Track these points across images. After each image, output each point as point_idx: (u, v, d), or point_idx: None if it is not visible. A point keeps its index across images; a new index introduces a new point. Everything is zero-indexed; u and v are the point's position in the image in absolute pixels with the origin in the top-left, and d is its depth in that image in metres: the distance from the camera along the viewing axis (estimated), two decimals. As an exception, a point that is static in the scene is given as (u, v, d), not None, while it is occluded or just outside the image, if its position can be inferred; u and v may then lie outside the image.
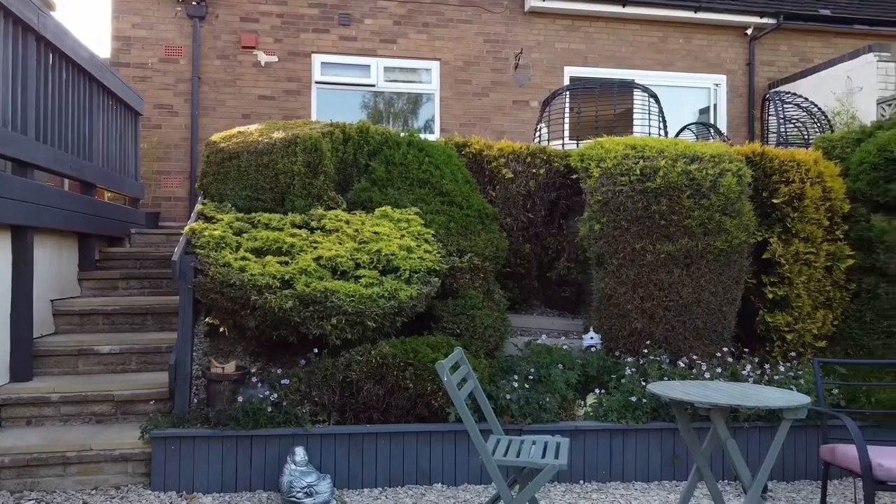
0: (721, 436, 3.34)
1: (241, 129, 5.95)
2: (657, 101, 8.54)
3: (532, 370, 5.22)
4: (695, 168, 5.18)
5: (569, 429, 4.87)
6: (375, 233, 5.19)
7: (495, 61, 10.99)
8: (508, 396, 4.82)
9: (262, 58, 10.18)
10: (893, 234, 5.56)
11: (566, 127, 8.95)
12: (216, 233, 5.01)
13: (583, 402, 5.23)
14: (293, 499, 4.25)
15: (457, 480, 4.79)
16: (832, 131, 8.93)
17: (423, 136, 6.50)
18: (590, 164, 5.52)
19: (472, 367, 4.97)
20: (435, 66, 10.86)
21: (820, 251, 5.70)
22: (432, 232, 5.37)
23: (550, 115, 8.36)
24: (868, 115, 9.57)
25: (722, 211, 5.21)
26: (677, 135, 9.71)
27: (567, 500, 4.52)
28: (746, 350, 5.77)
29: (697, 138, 10.14)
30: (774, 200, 5.69)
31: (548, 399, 4.91)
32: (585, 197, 5.59)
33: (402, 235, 5.24)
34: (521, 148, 6.41)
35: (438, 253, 5.25)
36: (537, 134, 8.60)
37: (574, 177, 6.01)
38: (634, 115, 8.95)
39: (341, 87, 10.58)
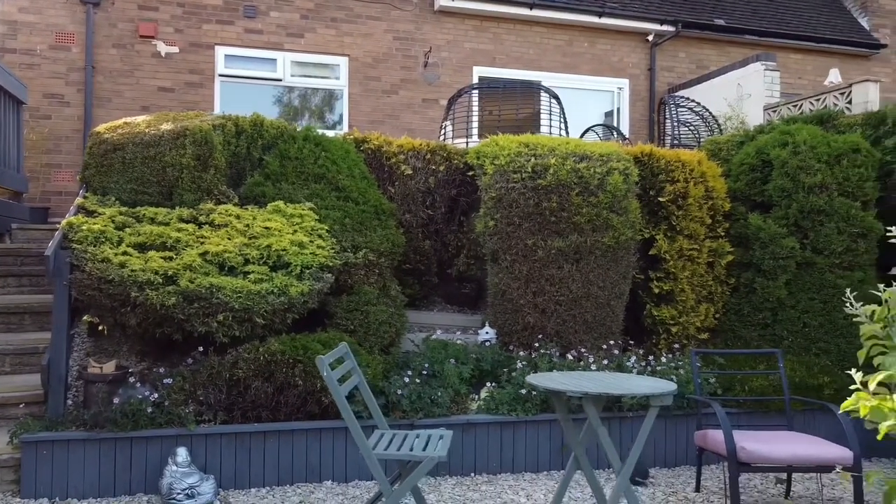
0: (593, 423, 3.44)
1: (128, 119, 5.72)
2: (559, 102, 8.74)
3: (426, 365, 5.24)
4: (583, 166, 5.33)
5: (460, 422, 4.92)
6: (266, 228, 5.09)
7: (405, 59, 10.99)
8: (400, 392, 4.82)
9: (163, 48, 9.82)
10: (768, 231, 5.89)
11: (475, 125, 9.05)
12: (95, 227, 4.80)
13: (476, 396, 5.29)
14: (173, 500, 4.12)
15: (347, 477, 4.76)
16: (721, 134, 9.37)
17: (331, 132, 6.47)
18: (484, 161, 5.59)
19: (366, 363, 4.96)
20: (343, 62, 10.76)
21: (703, 248, 5.97)
22: (326, 227, 5.31)
23: (455, 114, 8.43)
24: (756, 120, 10.10)
25: (609, 208, 5.38)
26: (582, 136, 9.97)
27: (456, 493, 4.56)
28: (633, 343, 5.99)
29: (602, 139, 10.44)
30: (660, 199, 5.92)
31: (440, 394, 4.95)
32: (480, 193, 5.66)
33: (295, 231, 5.16)
34: (421, 145, 6.43)
35: (332, 248, 5.20)
36: (442, 132, 8.66)
37: (471, 174, 6.07)
38: (541, 116, 9.14)
39: (247, 81, 10.33)
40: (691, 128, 9.58)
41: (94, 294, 4.57)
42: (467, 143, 7.94)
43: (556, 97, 8.72)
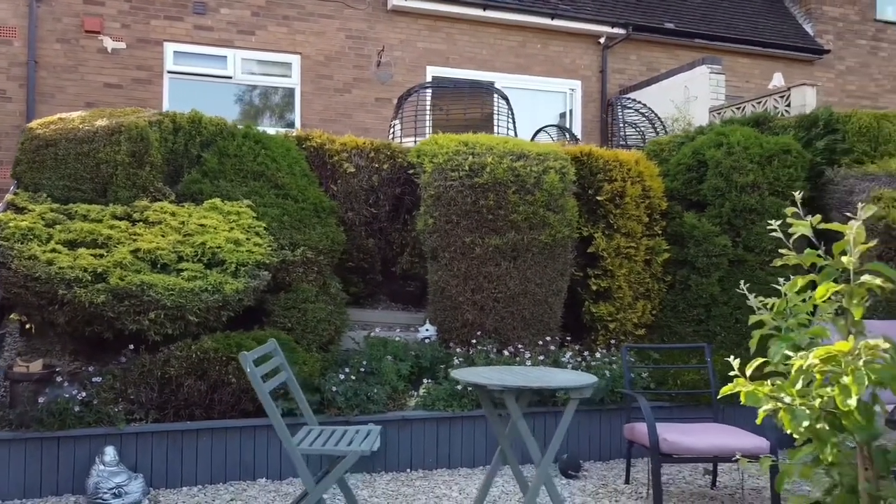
0: (513, 416, 3.51)
1: (63, 115, 5.63)
2: (507, 102, 8.84)
3: (365, 363, 5.26)
4: (520, 165, 5.41)
5: (396, 419, 4.96)
6: (202, 225, 5.06)
7: (358, 58, 10.99)
8: (335, 389, 4.84)
9: (109, 44, 9.66)
10: (702, 229, 6.04)
11: (428, 124, 9.10)
12: (24, 224, 4.72)
13: (416, 393, 5.33)
14: (99, 500, 4.08)
15: (282, 474, 4.76)
16: (667, 135, 9.57)
17: (285, 130, 6.46)
18: (424, 159, 5.64)
19: (302, 360, 4.97)
20: (296, 60, 10.71)
21: (640, 245, 6.10)
22: (264, 225, 5.30)
23: (403, 113, 8.46)
24: (702, 121, 10.31)
25: (546, 206, 5.47)
26: (534, 137, 10.09)
27: (390, 489, 4.59)
28: (573, 339, 6.08)
29: (554, 140, 10.57)
30: (599, 198, 6.03)
31: (376, 390, 4.97)
32: (420, 191, 5.71)
33: (231, 228, 5.14)
34: (364, 143, 6.45)
35: (270, 246, 5.19)
36: (391, 130, 8.68)
37: (412, 172, 6.11)
38: (495, 116, 9.24)
39: (197, 79, 10.22)
40: (638, 129, 9.76)
41: (21, 292, 4.50)
42: (415, 141, 7.99)
43: (505, 97, 8.82)
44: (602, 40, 12.27)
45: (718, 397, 2.26)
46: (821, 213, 6.69)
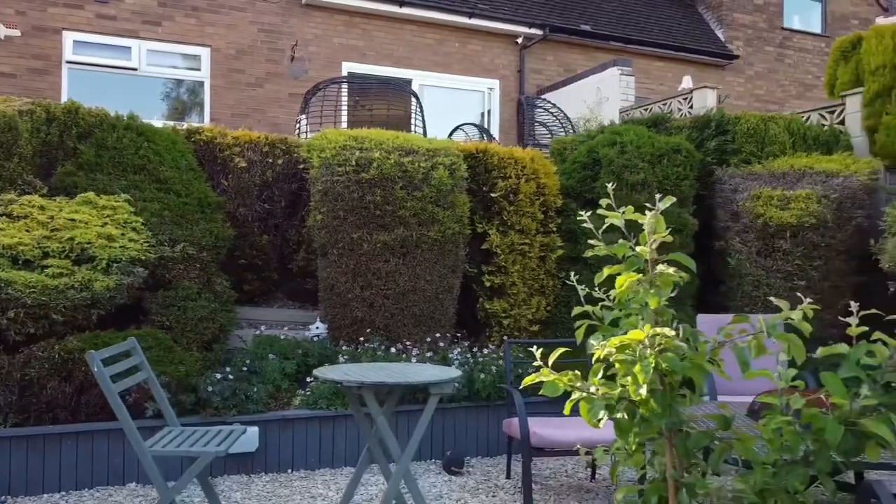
0: (372, 412, 3.46)
1: (-75, 103, 5.30)
2: (418, 100, 8.81)
3: (248, 361, 5.14)
4: (408, 161, 5.37)
5: (277, 418, 4.85)
6: (72, 220, 4.83)
7: (271, 52, 10.78)
8: (211, 388, 4.69)
9: (2, 31, 9.20)
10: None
11: (344, 120, 8.99)
12: None
13: (302, 392, 5.23)
14: (-57, 511, 3.84)
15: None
16: (575, 134, 9.71)
17: (193, 124, 6.27)
18: (313, 153, 5.54)
19: (179, 360, 4.82)
20: (205, 52, 10.44)
21: (534, 242, 6.15)
22: (142, 220, 5.11)
23: (310, 109, 8.33)
24: (614, 122, 10.52)
25: (435, 202, 5.45)
26: (450, 135, 10.09)
27: (266, 490, 4.48)
28: (469, 335, 6.09)
29: (470, 139, 10.59)
30: (493, 194, 6.05)
31: (256, 389, 4.85)
32: (308, 187, 5.61)
33: (105, 223, 4.93)
34: (258, 137, 6.31)
35: (147, 242, 5.00)
36: (297, 126, 8.54)
37: (301, 167, 6.01)
38: (413, 115, 9.19)
39: (99, 70, 9.83)
40: (549, 128, 9.88)
41: None
42: (320, 137, 7.87)
43: (416, 96, 8.78)
44: (520, 40, 12.39)
45: (520, 387, 2.27)
46: (709, 210, 6.88)
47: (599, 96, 11.00)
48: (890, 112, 7.14)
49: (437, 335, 5.56)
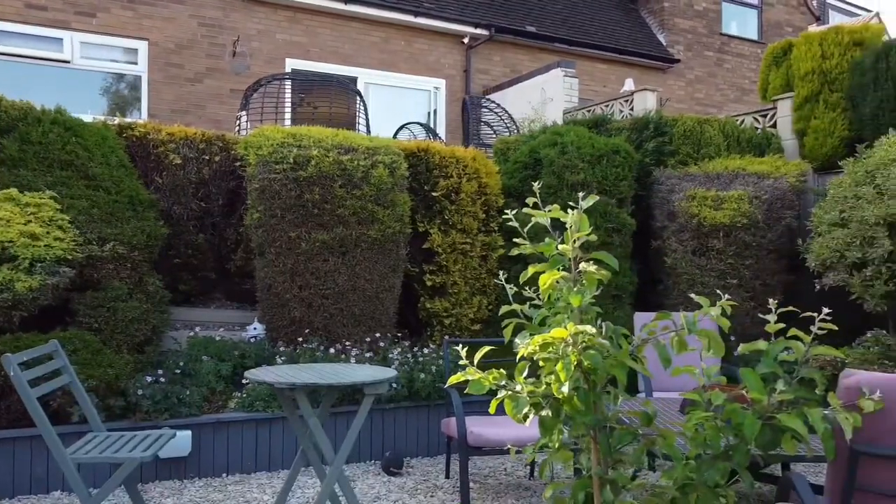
0: (304, 414, 3.40)
1: None
2: (362, 98, 8.74)
3: (181, 364, 5.01)
4: (347, 159, 5.31)
5: (210, 421, 4.74)
6: (-8, 217, 4.62)
7: (211, 47, 10.54)
8: (141, 392, 4.55)
9: (-78, 19, 8.75)
10: (534, 226, 6.16)
11: (287, 117, 8.85)
12: None
13: (239, 394, 5.12)
14: None
15: (80, 486, 4.41)
16: (519, 134, 9.79)
17: (125, 119, 6.07)
18: (250, 151, 5.43)
19: (108, 362, 4.65)
20: (143, 46, 10.13)
21: (476, 242, 6.16)
22: (69, 218, 4.91)
23: (250, 105, 8.17)
24: (557, 122, 10.64)
25: (375, 201, 5.40)
26: (395, 134, 10.04)
27: (199, 496, 4.37)
28: (412, 335, 6.07)
29: (416, 138, 10.56)
30: (434, 193, 6.04)
31: (189, 392, 4.73)
32: (245, 185, 5.50)
33: (28, 221, 4.72)
34: (195, 134, 6.15)
35: (74, 241, 4.81)
36: (237, 123, 8.37)
37: (238, 164, 5.89)
38: (358, 113, 9.10)
39: (28, 61, 9.44)
40: (493, 128, 9.93)
41: None
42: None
43: (359, 93, 8.70)
44: (466, 40, 12.41)
45: (446, 385, 2.26)
46: (647, 210, 7.00)
47: (544, 97, 11.11)
48: (818, 116, 7.41)
49: (378, 335, 5.51)
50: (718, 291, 2.48)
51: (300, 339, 5.34)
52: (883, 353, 5.41)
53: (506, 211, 2.60)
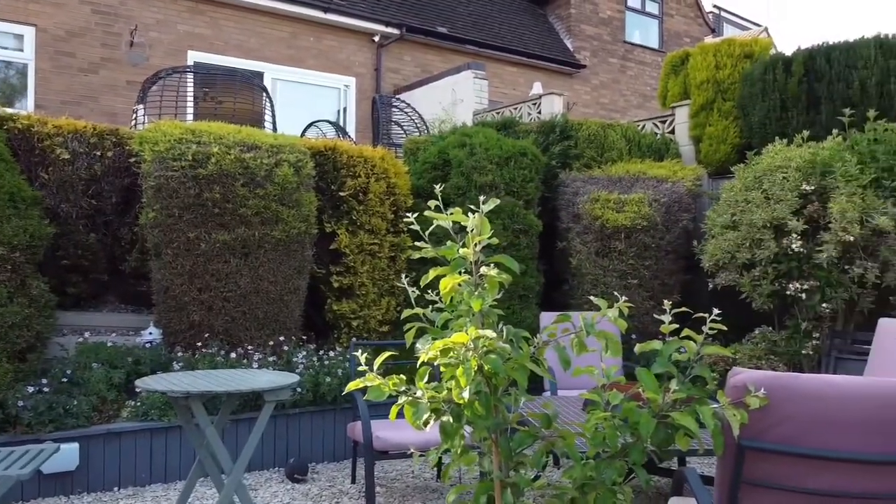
0: (200, 423, 3.25)
1: None
2: (268, 94, 8.50)
3: (69, 371, 4.70)
4: (250, 157, 5.14)
5: (100, 433, 4.46)
6: None
7: (106, 35, 10.00)
8: (22, 403, 4.23)
9: None
10: (442, 227, 6.16)
11: (189, 112, 8.48)
12: None
13: (132, 402, 4.86)
14: None
15: (-50, 507, 4.07)
16: (429, 135, 9.80)
17: (7, 110, 5.60)
18: (145, 147, 5.16)
19: (-15, 372, 4.30)
20: (29, 31, 9.50)
21: (384, 242, 6.10)
22: (-62, 216, 4.52)
23: (148, 99, 7.79)
24: (467, 123, 10.72)
25: (279, 201, 5.25)
26: (304, 132, 9.83)
27: (87, 512, 4.11)
28: (319, 338, 5.94)
29: (325, 137, 10.37)
30: (342, 193, 5.93)
31: (76, 402, 4.44)
32: (140, 182, 5.23)
33: None
34: (85, 127, 5.79)
35: (-56, 240, 4.43)
36: (134, 117, 7.97)
37: (132, 160, 5.59)
38: (265, 110, 8.83)
39: None
40: (404, 128, 9.89)
41: None
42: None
43: (265, 89, 8.46)
44: (376, 38, 12.32)
45: (344, 392, 2.21)
46: (553, 212, 7.13)
47: (454, 98, 11.17)
48: (712, 124, 7.78)
49: (282, 338, 5.36)
50: (616, 293, 2.54)
51: (200, 343, 5.13)
52: (769, 349, 5.73)
53: (407, 214, 2.55)
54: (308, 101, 11.76)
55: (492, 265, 2.19)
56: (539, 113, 9.64)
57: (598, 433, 2.35)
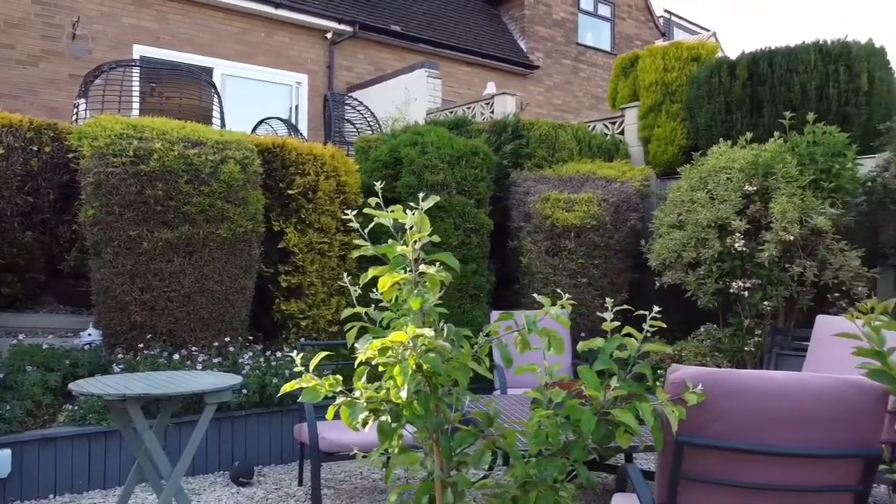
0: (138, 427, 3.15)
1: None
2: (216, 90, 8.33)
3: (0, 375, 4.51)
4: (194, 153, 5.01)
5: (35, 438, 4.29)
6: None
7: (47, 27, 9.66)
8: (-51, 409, 4.05)
9: None
10: (394, 226, 6.13)
11: (135, 107, 8.25)
12: None
13: (70, 406, 4.69)
14: None
15: None
16: (382, 133, 9.74)
17: None
18: (84, 142, 4.99)
19: None
20: (-37, 22, 9.10)
21: (334, 241, 6.02)
22: None
23: (90, 93, 7.55)
24: (421, 122, 10.69)
25: (225, 198, 5.14)
26: (255, 129, 9.65)
27: (19, 521, 3.95)
28: (256, 338, 5.82)
29: (276, 134, 10.20)
30: (290, 191, 5.84)
31: (9, 407, 4.26)
32: (80, 178, 5.06)
33: None
34: (20, 121, 5.56)
35: None
36: (75, 111, 7.71)
37: (72, 156, 5.41)
38: (214, 106, 8.63)
39: None
40: (356, 126, 9.81)
41: None
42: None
43: (213, 84, 8.29)
44: (329, 35, 12.20)
45: (279, 394, 2.17)
46: (505, 211, 7.14)
47: (408, 97, 11.12)
48: (660, 125, 7.91)
49: (228, 339, 5.25)
50: (559, 291, 2.54)
51: (142, 345, 4.98)
52: (714, 346, 5.85)
53: (346, 212, 2.52)
54: (259, 98, 11.57)
55: (434, 263, 2.17)
56: (492, 113, 9.67)
57: (540, 431, 2.35)
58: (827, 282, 5.42)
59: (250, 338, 5.57)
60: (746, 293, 5.60)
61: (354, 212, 2.44)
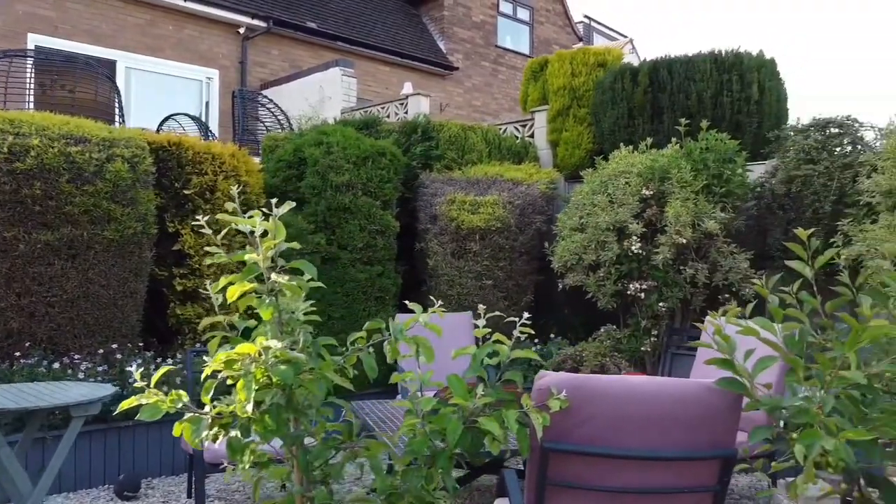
0: (-8, 446, 2.95)
1: None
2: (114, 84, 7.97)
3: None
4: (76, 151, 4.76)
5: None
6: None
7: (-71, 12, 9.02)
8: None
9: None
10: (297, 227, 6.00)
11: (29, 101, 7.80)
12: None
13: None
14: None
15: None
16: (293, 131, 9.55)
17: None
18: (-46, 137, 4.66)
19: None
20: None
21: (233, 243, 5.83)
22: None
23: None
24: (331, 122, 10.54)
25: (111, 198, 4.90)
26: (160, 126, 9.29)
27: None
28: (149, 343, 5.59)
29: (185, 131, 9.86)
30: (186, 192, 5.63)
31: None
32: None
33: None
34: None
35: None
36: (-44, 103, 7.23)
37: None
38: (116, 102, 8.25)
39: None
40: (266, 125, 9.59)
41: None
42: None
43: (111, 77, 7.92)
44: (242, 30, 11.89)
45: (115, 413, 2.08)
46: (413, 213, 7.09)
47: (322, 95, 10.95)
48: (568, 129, 8.05)
49: (115, 346, 5.01)
50: (461, 290, 2.51)
51: (19, 353, 4.69)
52: (614, 346, 5.99)
53: (198, 217, 2.42)
54: (168, 93, 11.16)
55: (282, 272, 2.10)
56: (406, 113, 9.62)
57: (413, 441, 2.32)
58: (717, 283, 5.63)
59: (141, 344, 5.33)
60: (643, 295, 5.75)
61: (206, 217, 2.33)
